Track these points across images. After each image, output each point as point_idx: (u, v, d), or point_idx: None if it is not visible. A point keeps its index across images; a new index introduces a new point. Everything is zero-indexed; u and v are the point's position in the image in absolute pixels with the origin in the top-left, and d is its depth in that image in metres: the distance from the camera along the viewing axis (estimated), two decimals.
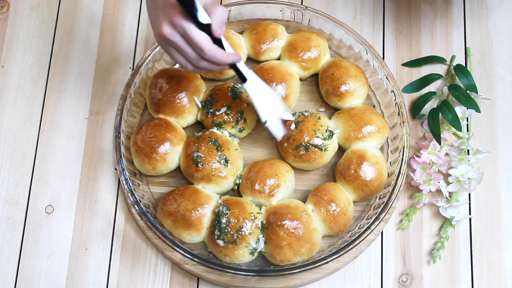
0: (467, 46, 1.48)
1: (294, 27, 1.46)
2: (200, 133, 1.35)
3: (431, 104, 1.43)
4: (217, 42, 1.14)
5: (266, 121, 1.28)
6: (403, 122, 1.36)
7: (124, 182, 1.32)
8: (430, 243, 1.35)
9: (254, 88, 1.25)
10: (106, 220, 1.37)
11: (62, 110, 1.44)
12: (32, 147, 1.41)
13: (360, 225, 1.32)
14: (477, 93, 1.40)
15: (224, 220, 1.26)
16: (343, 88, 1.37)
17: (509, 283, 1.33)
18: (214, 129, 1.35)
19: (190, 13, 1.10)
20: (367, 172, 1.31)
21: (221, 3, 1.51)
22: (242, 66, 1.22)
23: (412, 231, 1.36)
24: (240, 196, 1.33)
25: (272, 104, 1.28)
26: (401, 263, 1.34)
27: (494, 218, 1.37)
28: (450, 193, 1.37)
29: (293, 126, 1.34)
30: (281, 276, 1.28)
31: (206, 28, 1.12)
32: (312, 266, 1.27)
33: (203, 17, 1.11)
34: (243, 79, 1.23)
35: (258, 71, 1.38)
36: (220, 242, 1.26)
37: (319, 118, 1.35)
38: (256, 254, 1.28)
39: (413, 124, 1.42)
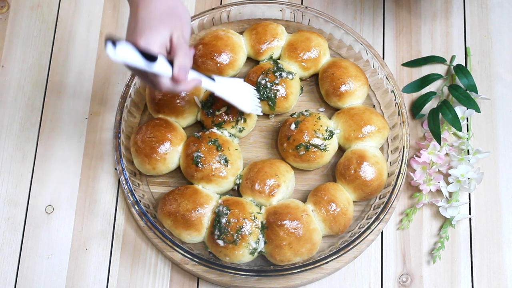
0: (467, 46, 1.48)
1: (294, 27, 1.46)
2: (200, 133, 1.35)
3: (431, 104, 1.43)
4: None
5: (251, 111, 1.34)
6: (403, 122, 1.36)
7: (124, 182, 1.31)
8: (430, 243, 1.35)
9: (225, 91, 1.29)
10: (106, 220, 1.37)
11: (62, 110, 1.44)
12: (32, 147, 1.41)
13: (360, 225, 1.32)
14: (477, 93, 1.40)
15: (224, 220, 1.26)
16: (343, 88, 1.37)
17: (509, 283, 1.33)
18: (214, 129, 1.35)
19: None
20: (367, 172, 1.31)
21: (221, 3, 1.51)
22: (205, 85, 1.24)
23: (412, 231, 1.36)
24: (240, 196, 1.33)
25: (246, 92, 1.35)
26: (401, 263, 1.34)
27: (494, 218, 1.37)
28: (450, 193, 1.37)
29: (293, 126, 1.34)
30: (281, 276, 1.28)
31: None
32: (312, 266, 1.27)
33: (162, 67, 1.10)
34: (212, 91, 1.28)
35: (258, 71, 1.38)
36: (220, 242, 1.26)
37: (319, 118, 1.35)
38: (256, 254, 1.28)
39: (413, 124, 1.42)
